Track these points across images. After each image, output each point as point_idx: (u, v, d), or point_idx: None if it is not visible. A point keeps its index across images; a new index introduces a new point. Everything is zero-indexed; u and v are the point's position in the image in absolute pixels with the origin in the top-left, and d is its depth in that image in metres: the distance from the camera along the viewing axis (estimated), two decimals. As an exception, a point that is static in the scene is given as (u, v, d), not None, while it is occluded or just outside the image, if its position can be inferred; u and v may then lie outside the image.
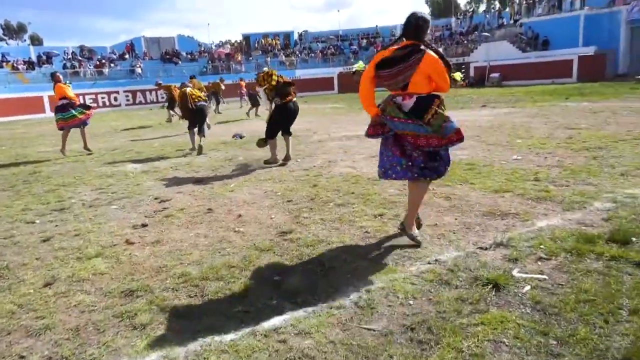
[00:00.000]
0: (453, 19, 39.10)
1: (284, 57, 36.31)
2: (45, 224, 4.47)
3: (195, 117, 8.37)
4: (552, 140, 7.11)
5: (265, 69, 8.72)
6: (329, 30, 41.15)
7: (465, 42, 33.04)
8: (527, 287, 2.57)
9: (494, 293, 2.54)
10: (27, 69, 30.37)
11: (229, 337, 2.31)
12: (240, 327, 2.40)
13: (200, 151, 8.19)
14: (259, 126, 12.59)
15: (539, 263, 2.87)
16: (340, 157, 6.98)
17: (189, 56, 37.12)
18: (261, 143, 6.93)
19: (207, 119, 8.77)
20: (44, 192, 5.90)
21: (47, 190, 6.04)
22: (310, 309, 2.54)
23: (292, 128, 7.00)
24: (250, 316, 2.51)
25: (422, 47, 3.09)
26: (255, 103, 15.67)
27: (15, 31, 55.91)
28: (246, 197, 5.01)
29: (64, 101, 8.87)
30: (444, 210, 4.07)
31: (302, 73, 32.85)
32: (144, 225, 4.20)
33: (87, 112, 9.08)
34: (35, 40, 51.58)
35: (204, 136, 8.47)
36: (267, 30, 40.73)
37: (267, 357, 2.13)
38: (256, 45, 38.81)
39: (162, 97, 21.88)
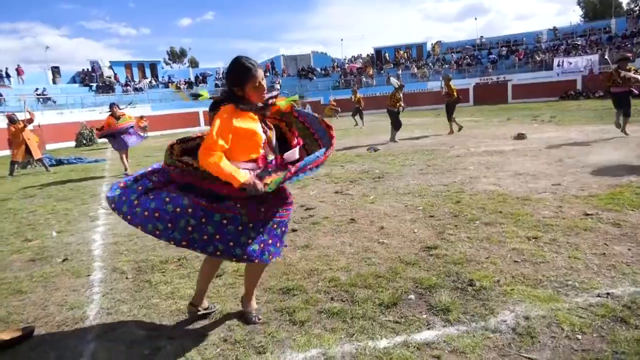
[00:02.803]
0: (613, 20, 34.56)
1: (415, 69, 35.95)
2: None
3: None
4: None
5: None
6: (465, 40, 39.60)
7: (629, 45, 28.89)
8: None
9: (689, 339, 2.19)
10: (186, 88, 35.06)
11: (382, 344, 2.38)
12: (392, 337, 2.45)
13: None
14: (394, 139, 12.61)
15: None
16: (483, 174, 6.65)
17: (322, 72, 39.02)
18: None
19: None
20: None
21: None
22: (463, 328, 2.49)
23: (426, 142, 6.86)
24: (401, 327, 2.55)
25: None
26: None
27: (178, 56, 64.95)
28: (387, 209, 5.08)
29: None
30: (612, 239, 3.62)
31: (434, 85, 32.10)
32: (293, 230, 4.53)
33: None
34: (193, 63, 59.24)
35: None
36: (399, 42, 40.80)
37: (422, 371, 2.14)
38: (387, 58, 39.10)
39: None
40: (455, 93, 12.67)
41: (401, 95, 12.11)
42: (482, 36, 38.78)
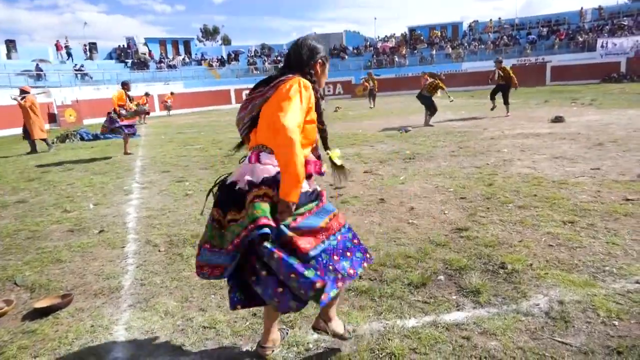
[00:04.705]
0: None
1: (450, 49, 34.90)
2: (241, 199, 5.16)
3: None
4: None
5: None
6: (504, 20, 38.04)
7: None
8: None
9: None
10: (219, 66, 35.24)
11: (410, 323, 2.37)
12: (421, 316, 2.44)
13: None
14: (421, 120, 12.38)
15: None
16: (517, 157, 6.45)
17: (354, 51, 38.41)
18: None
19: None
20: (237, 172, 6.80)
21: (239, 170, 6.95)
22: (493, 310, 2.45)
23: (458, 124, 6.68)
24: (430, 307, 2.53)
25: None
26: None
27: (210, 33, 64.99)
28: (417, 190, 5.01)
29: None
30: (655, 225, 3.47)
31: (469, 66, 31.13)
32: (322, 209, 4.54)
33: None
34: (226, 41, 59.29)
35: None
36: (434, 22, 39.63)
37: (451, 351, 2.12)
38: (421, 38, 38.09)
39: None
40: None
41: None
42: (500, 17, 37.49)
